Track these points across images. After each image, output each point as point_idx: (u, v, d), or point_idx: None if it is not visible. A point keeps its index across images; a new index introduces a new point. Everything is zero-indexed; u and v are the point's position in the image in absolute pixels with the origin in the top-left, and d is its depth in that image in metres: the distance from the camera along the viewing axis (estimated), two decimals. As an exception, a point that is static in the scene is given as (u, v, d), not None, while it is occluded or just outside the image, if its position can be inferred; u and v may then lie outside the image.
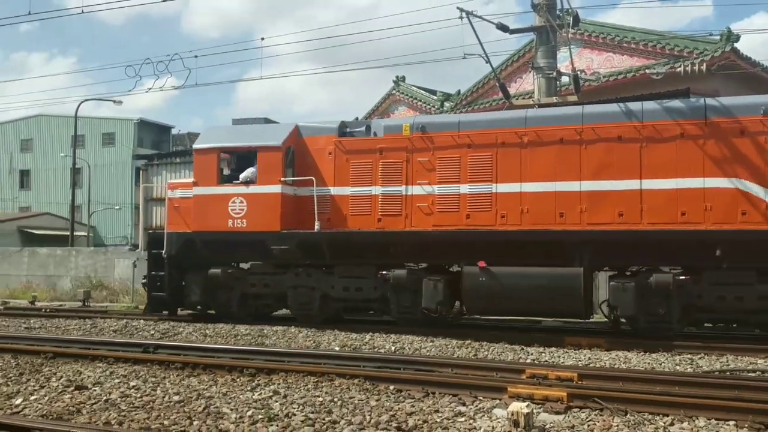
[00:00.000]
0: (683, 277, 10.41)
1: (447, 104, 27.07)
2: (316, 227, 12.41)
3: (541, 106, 13.87)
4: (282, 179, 12.65)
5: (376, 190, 12.41)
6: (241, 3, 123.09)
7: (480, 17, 13.77)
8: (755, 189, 10.35)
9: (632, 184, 10.91)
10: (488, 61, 14.60)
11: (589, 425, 5.98)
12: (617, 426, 5.91)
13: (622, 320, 11.48)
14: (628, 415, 6.23)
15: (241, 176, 13.16)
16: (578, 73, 14.72)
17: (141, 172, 24.08)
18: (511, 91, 17.77)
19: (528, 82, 19.05)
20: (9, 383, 7.84)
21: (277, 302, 13.44)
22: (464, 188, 11.84)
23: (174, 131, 53.61)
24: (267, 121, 14.15)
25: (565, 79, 15.58)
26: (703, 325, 11.48)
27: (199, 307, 13.96)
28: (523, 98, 17.39)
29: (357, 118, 18.49)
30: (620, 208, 10.94)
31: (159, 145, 49.71)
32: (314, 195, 12.45)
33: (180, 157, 23.41)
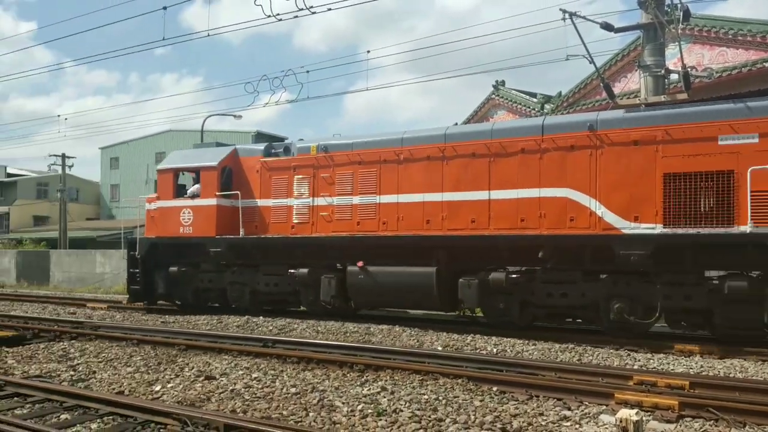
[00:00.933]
0: (514, 276, 11.96)
1: (547, 106, 26.66)
2: (241, 233, 14.86)
3: (647, 105, 13.57)
4: (217, 193, 14.98)
5: (291, 201, 14.65)
6: (347, 18, 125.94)
7: (583, 17, 13.60)
8: (581, 197, 11.63)
9: (482, 195, 12.48)
10: (592, 61, 14.38)
11: (702, 435, 5.84)
12: (733, 438, 5.75)
13: (469, 313, 13.44)
14: (746, 428, 6.06)
15: (189, 191, 15.83)
16: (688, 69, 14.25)
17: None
18: (616, 90, 17.36)
19: (633, 81, 18.53)
20: (149, 371, 8.66)
21: (220, 296, 15.80)
22: (356, 199, 13.84)
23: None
24: (218, 144, 16.63)
25: (673, 77, 15.10)
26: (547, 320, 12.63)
27: (163, 299, 16.72)
28: (629, 98, 17.00)
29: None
30: (473, 216, 12.52)
31: (274, 155, 51.88)
32: (239, 206, 14.93)
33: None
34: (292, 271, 14.30)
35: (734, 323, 10.63)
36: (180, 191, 16.16)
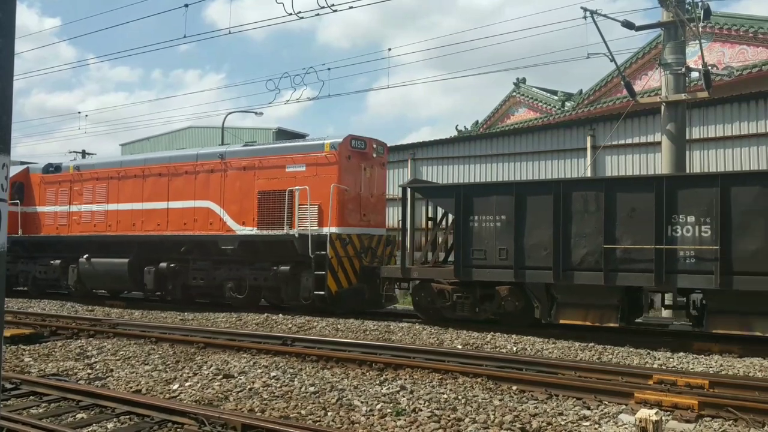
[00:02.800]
0: (173, 265, 16.48)
1: (568, 104, 26.52)
2: (20, 233, 19.22)
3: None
4: (9, 202, 18.54)
5: (57, 208, 19.10)
6: (370, 14, 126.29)
7: (604, 16, 13.52)
8: (216, 207, 15.98)
9: (164, 205, 16.84)
10: (612, 59, 14.29)
11: (721, 435, 5.79)
12: (754, 438, 5.70)
13: (158, 293, 17.47)
14: (766, 427, 6.00)
15: None
16: (709, 68, 14.09)
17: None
18: (637, 88, 17.23)
19: (654, 80, 18.37)
20: (167, 370, 8.68)
21: (14, 281, 19.58)
22: (94, 207, 18.26)
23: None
24: (21, 163, 20.88)
25: (694, 75, 14.95)
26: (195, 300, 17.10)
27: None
28: (649, 95, 16.85)
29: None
30: (158, 221, 16.89)
31: (294, 151, 52.12)
32: (18, 212, 19.41)
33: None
34: (52, 262, 18.77)
35: (289, 296, 14.95)
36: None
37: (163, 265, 16.52)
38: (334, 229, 14.22)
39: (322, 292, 14.07)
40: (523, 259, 11.89)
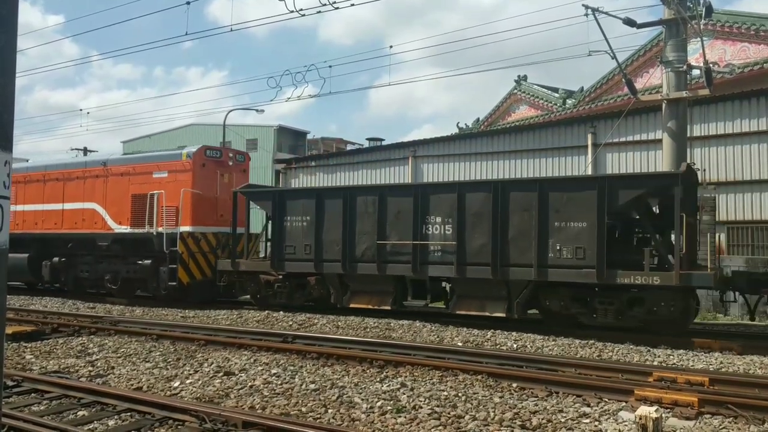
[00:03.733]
0: (63, 259, 18.66)
1: (569, 101, 26.50)
2: None
3: (669, 101, 13.46)
4: None
5: None
6: (373, 11, 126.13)
7: (606, 13, 13.49)
8: (100, 209, 18.04)
9: (59, 206, 18.96)
10: (614, 57, 14.27)
11: (721, 433, 5.79)
12: (753, 435, 5.70)
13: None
14: (765, 425, 6.00)
15: None
16: (710, 65, 14.07)
17: (280, 174, 25.79)
18: (638, 86, 17.20)
19: (655, 77, 18.35)
20: (168, 367, 8.70)
21: None
22: (18, 207, 19.60)
23: (309, 136, 56.06)
24: None
25: (695, 73, 14.92)
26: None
27: None
28: (651, 93, 16.83)
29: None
30: (55, 220, 19.01)
31: (295, 149, 52.01)
32: None
33: (315, 161, 24.65)
34: None
35: (153, 287, 17.04)
36: None
37: (56, 259, 18.87)
38: (186, 228, 16.33)
39: (174, 283, 16.12)
40: (321, 253, 14.27)
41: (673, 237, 11.72)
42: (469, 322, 12.50)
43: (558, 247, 11.78)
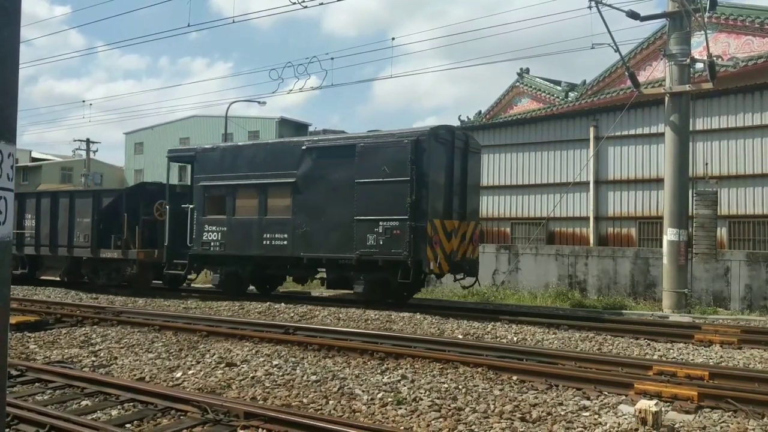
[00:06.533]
0: None
1: (572, 94, 26.45)
2: None
3: (672, 94, 13.44)
4: None
5: None
6: (378, 1, 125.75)
7: (609, 6, 13.47)
8: None
9: None
10: (617, 50, 14.25)
11: (721, 427, 5.81)
12: (753, 430, 5.72)
13: None
14: (765, 419, 6.00)
15: None
16: (714, 59, 14.05)
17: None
18: (641, 79, 17.19)
19: (658, 70, 18.31)
20: (171, 358, 8.75)
21: None
22: None
23: (310, 128, 56.26)
24: None
25: (699, 66, 14.90)
26: None
27: None
28: (653, 86, 16.81)
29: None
30: None
31: (296, 141, 52.22)
32: None
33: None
34: None
35: None
36: None
37: None
38: None
39: None
40: None
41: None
42: (470, 315, 12.53)
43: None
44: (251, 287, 16.84)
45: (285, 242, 14.59)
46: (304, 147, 14.52)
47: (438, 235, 13.14)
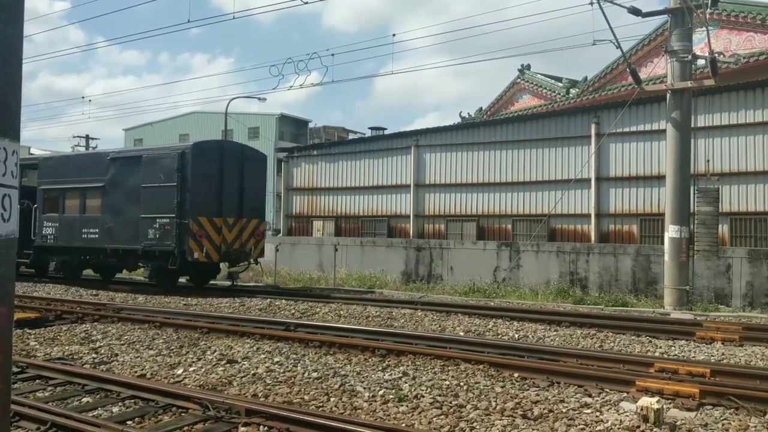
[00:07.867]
0: None
1: (573, 91, 26.42)
2: None
3: (673, 91, 13.41)
4: None
5: None
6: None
7: (611, 2, 13.44)
8: None
9: None
10: (618, 46, 14.23)
11: (723, 424, 5.78)
12: (755, 427, 5.70)
13: None
14: (766, 416, 5.99)
15: None
16: (716, 55, 14.02)
17: (282, 163, 25.57)
18: (642, 75, 17.16)
19: (660, 67, 18.28)
20: (171, 354, 8.73)
21: None
22: None
23: (311, 125, 56.09)
24: None
25: (700, 62, 14.88)
26: None
27: None
28: (655, 83, 16.78)
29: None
30: None
31: (297, 138, 52.06)
32: None
33: (317, 150, 24.60)
34: None
35: None
36: None
37: None
38: None
39: None
40: None
41: None
42: (471, 312, 12.53)
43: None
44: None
45: (97, 236, 17.96)
46: (109, 157, 17.97)
47: (204, 230, 16.07)
